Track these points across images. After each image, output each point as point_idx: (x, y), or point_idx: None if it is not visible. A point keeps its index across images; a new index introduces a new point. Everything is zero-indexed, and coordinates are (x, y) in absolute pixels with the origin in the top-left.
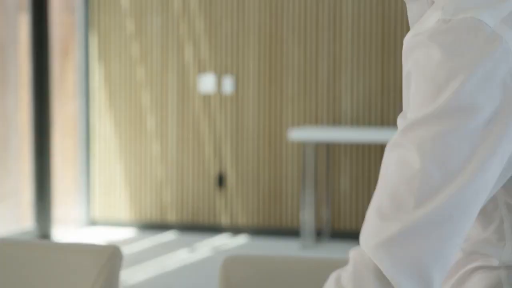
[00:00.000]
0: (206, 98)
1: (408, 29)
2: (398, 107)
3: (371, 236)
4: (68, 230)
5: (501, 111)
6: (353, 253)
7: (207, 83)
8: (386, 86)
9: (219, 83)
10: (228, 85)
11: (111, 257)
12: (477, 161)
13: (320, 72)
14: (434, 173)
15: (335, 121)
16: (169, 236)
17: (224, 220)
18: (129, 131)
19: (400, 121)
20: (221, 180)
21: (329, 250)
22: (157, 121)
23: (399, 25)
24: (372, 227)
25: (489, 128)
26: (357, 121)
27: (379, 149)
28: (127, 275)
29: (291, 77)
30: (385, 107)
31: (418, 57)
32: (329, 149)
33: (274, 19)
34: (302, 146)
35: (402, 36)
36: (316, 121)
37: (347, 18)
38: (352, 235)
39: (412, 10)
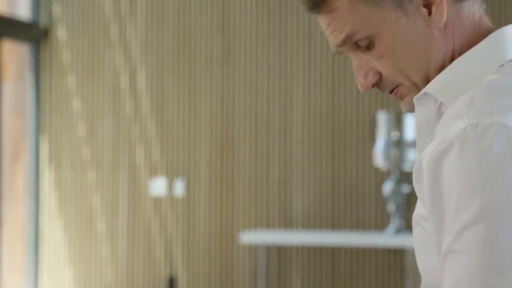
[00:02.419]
0: (157, 201)
1: (358, 131)
2: (348, 210)
3: None
4: None
5: None
6: None
7: (158, 186)
8: (337, 189)
9: (170, 186)
10: (179, 188)
11: None
12: None
13: (271, 174)
14: (492, 272)
15: (287, 224)
16: None
17: None
18: (79, 235)
19: (419, 221)
20: (171, 283)
21: None
22: (107, 224)
23: (349, 126)
24: None
25: None
26: (308, 224)
27: (330, 252)
28: None
29: (242, 179)
30: (335, 210)
31: (449, 162)
32: (281, 252)
33: (226, 121)
34: (254, 248)
35: (352, 138)
36: (267, 224)
37: (298, 120)
38: None
39: (419, 112)
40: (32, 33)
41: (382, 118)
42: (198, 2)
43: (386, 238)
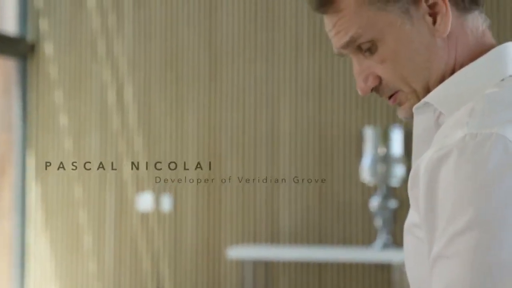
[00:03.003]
0: (144, 216)
1: (345, 146)
2: (335, 225)
3: None
4: None
5: None
6: None
7: (145, 201)
8: (324, 204)
9: (157, 201)
10: (166, 203)
11: None
12: None
13: (258, 189)
14: (483, 279)
15: (274, 238)
16: None
17: None
18: (66, 249)
19: (411, 229)
20: None
21: None
22: (94, 239)
23: (336, 141)
24: None
25: None
26: (295, 239)
27: (317, 267)
28: None
29: (229, 194)
30: (322, 225)
31: (447, 170)
32: (268, 267)
33: (213, 136)
34: (241, 264)
35: (339, 153)
36: (254, 238)
37: (285, 135)
38: None
39: (418, 121)
40: (19, 48)
41: (369, 134)
42: (185, 17)
43: (373, 254)
